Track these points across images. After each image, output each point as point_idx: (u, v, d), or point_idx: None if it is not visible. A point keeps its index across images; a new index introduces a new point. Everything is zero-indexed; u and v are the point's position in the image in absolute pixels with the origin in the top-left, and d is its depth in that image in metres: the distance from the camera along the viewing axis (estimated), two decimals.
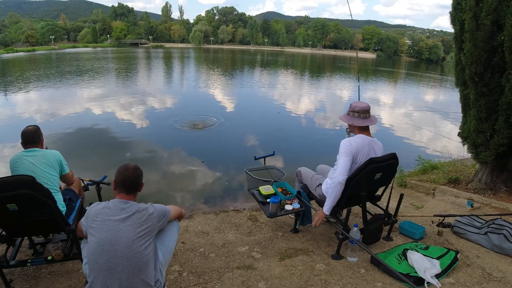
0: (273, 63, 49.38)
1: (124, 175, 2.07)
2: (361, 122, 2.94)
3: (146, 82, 22.43)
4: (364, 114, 2.94)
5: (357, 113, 2.94)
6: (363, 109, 2.93)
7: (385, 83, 30.78)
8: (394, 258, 2.83)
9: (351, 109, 2.99)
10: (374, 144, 2.95)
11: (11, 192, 2.18)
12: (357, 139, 2.87)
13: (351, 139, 2.88)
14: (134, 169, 2.11)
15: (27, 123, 10.12)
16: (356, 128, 2.98)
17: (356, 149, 2.82)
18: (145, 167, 6.76)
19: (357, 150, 2.82)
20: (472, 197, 4.38)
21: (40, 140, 2.89)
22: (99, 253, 1.92)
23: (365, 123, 2.94)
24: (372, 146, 2.92)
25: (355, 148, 2.82)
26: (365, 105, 2.96)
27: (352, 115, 2.98)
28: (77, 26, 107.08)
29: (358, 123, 2.94)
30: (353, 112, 2.96)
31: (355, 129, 2.99)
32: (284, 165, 6.99)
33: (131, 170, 2.09)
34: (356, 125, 2.95)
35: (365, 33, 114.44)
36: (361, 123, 2.93)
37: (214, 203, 5.48)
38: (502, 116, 3.82)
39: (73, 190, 3.12)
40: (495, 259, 3.00)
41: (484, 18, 3.68)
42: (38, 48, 70.72)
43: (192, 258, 3.08)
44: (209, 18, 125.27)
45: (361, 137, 2.90)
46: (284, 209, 3.25)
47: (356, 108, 2.95)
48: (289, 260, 2.96)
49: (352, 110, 2.97)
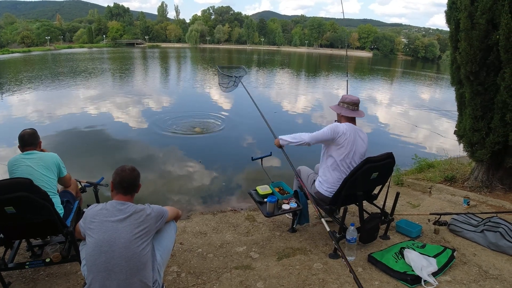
0: (270, 62, 49.37)
1: (122, 176, 2.08)
2: (349, 113, 3.14)
3: (142, 82, 22.38)
4: (353, 106, 3.14)
5: (347, 105, 3.15)
6: (352, 101, 3.14)
7: (382, 81, 30.85)
8: (391, 256, 2.85)
9: (342, 100, 3.20)
10: (360, 132, 3.17)
11: (9, 194, 2.17)
12: (345, 125, 3.08)
13: (339, 124, 3.13)
14: (131, 170, 2.12)
15: (22, 124, 10.16)
16: (343, 118, 3.18)
17: (341, 131, 3.03)
18: (142, 168, 6.72)
19: (342, 132, 3.02)
20: (469, 195, 4.41)
21: (37, 143, 2.89)
22: (97, 254, 1.93)
23: (353, 114, 3.14)
24: (358, 133, 3.13)
25: (341, 129, 3.04)
26: (355, 99, 3.17)
27: (341, 106, 3.19)
28: (73, 26, 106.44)
29: (346, 114, 3.14)
30: (343, 103, 3.17)
31: (343, 118, 3.18)
32: (281, 164, 7.00)
33: (128, 172, 2.10)
34: (344, 115, 3.15)
35: (361, 32, 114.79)
36: (349, 114, 3.13)
37: (212, 204, 5.48)
38: (497, 115, 3.85)
39: (70, 192, 3.12)
40: (491, 256, 3.02)
41: (479, 17, 3.70)
42: (33, 49, 70.37)
43: (190, 259, 3.08)
44: (205, 18, 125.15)
45: (348, 124, 3.10)
46: (281, 209, 3.26)
47: (347, 100, 3.15)
48: (287, 260, 2.97)
49: (343, 101, 3.17)
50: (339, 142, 3.02)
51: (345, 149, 3.02)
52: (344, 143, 3.01)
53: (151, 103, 14.30)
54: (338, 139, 3.02)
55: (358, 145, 3.08)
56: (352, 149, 3.04)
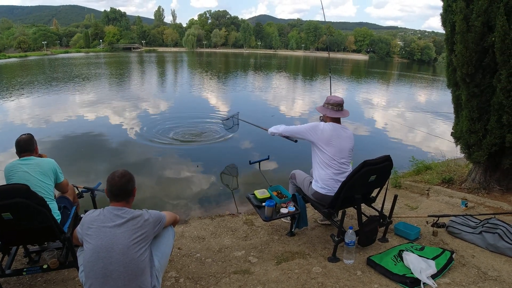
0: (267, 66, 49.44)
1: (111, 184, 2.05)
2: (333, 113, 3.24)
3: (139, 86, 22.35)
4: (337, 107, 3.24)
5: (331, 106, 3.25)
6: (336, 103, 3.23)
7: (378, 84, 30.97)
8: (390, 259, 2.85)
9: (326, 101, 3.29)
10: (344, 129, 3.24)
11: (5, 200, 2.17)
12: (328, 125, 3.19)
13: (322, 123, 3.24)
14: (120, 176, 2.07)
15: (18, 128, 10.12)
16: (328, 118, 3.28)
17: (323, 129, 3.16)
18: (139, 172, 6.74)
19: (324, 131, 3.14)
20: (466, 196, 4.42)
21: (34, 148, 2.88)
22: (94, 260, 1.92)
23: (337, 115, 3.24)
24: (342, 131, 3.21)
25: (322, 128, 3.16)
26: (339, 99, 3.26)
27: (326, 107, 3.28)
28: (70, 31, 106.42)
29: (330, 114, 3.24)
30: (328, 104, 3.27)
31: (327, 119, 3.29)
32: (279, 168, 7.00)
33: (117, 179, 2.06)
34: (329, 115, 3.25)
35: (357, 35, 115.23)
36: (333, 115, 3.23)
37: (210, 208, 5.45)
38: (494, 116, 3.87)
39: (67, 198, 3.11)
40: (490, 258, 3.03)
41: (474, 19, 3.73)
42: (30, 54, 70.15)
43: (189, 264, 3.07)
44: (202, 22, 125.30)
45: (331, 124, 3.21)
46: (280, 213, 3.26)
47: (331, 101, 3.25)
48: (286, 264, 2.96)
49: (327, 102, 3.27)
50: (322, 139, 3.13)
51: (332, 146, 3.11)
52: (328, 140, 3.11)
53: (149, 108, 14.25)
54: (320, 136, 3.13)
55: (344, 141, 3.16)
56: (338, 146, 3.12)
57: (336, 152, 3.11)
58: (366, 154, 3.16)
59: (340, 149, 3.12)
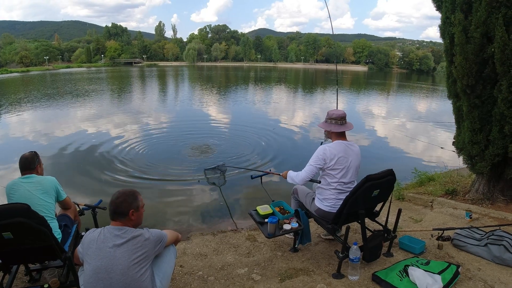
0: (267, 79, 49.71)
1: (109, 202, 2.08)
2: (337, 128, 3.13)
3: (140, 101, 22.46)
4: (340, 121, 3.14)
5: (334, 120, 3.14)
6: (339, 116, 3.13)
7: (378, 95, 31.04)
8: (395, 275, 2.80)
9: (328, 116, 3.19)
10: (352, 146, 3.13)
11: (6, 220, 2.16)
12: (333, 145, 3.08)
13: (326, 146, 3.10)
14: (117, 196, 2.07)
15: (19, 144, 10.14)
16: (333, 134, 3.16)
17: (330, 155, 3.03)
18: (139, 189, 6.69)
19: (332, 156, 3.02)
20: (470, 208, 4.38)
21: (35, 166, 2.88)
22: (94, 281, 1.89)
23: (342, 129, 3.13)
24: (350, 148, 3.10)
25: (329, 154, 3.03)
26: (341, 113, 3.16)
27: (329, 122, 3.17)
28: (71, 46, 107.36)
29: (335, 129, 3.13)
30: (331, 119, 3.16)
31: (333, 135, 3.17)
32: (281, 182, 6.95)
33: (113, 198, 2.08)
34: (334, 131, 3.13)
35: (356, 47, 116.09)
36: (338, 129, 3.13)
37: (212, 224, 5.39)
38: (496, 127, 3.86)
39: (68, 216, 3.09)
40: (496, 270, 2.98)
41: (473, 31, 3.74)
42: (32, 69, 70.74)
43: (191, 282, 3.02)
44: (202, 36, 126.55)
45: (337, 143, 3.09)
46: (283, 229, 3.21)
47: (333, 116, 3.15)
48: (290, 281, 2.91)
49: (330, 117, 3.17)
50: (329, 166, 3.04)
51: (340, 171, 3.04)
52: (337, 165, 3.03)
53: (151, 122, 14.31)
54: (329, 164, 3.04)
55: (352, 159, 3.09)
56: (346, 166, 3.06)
57: (344, 175, 3.06)
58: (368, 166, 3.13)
59: (347, 169, 3.06)
